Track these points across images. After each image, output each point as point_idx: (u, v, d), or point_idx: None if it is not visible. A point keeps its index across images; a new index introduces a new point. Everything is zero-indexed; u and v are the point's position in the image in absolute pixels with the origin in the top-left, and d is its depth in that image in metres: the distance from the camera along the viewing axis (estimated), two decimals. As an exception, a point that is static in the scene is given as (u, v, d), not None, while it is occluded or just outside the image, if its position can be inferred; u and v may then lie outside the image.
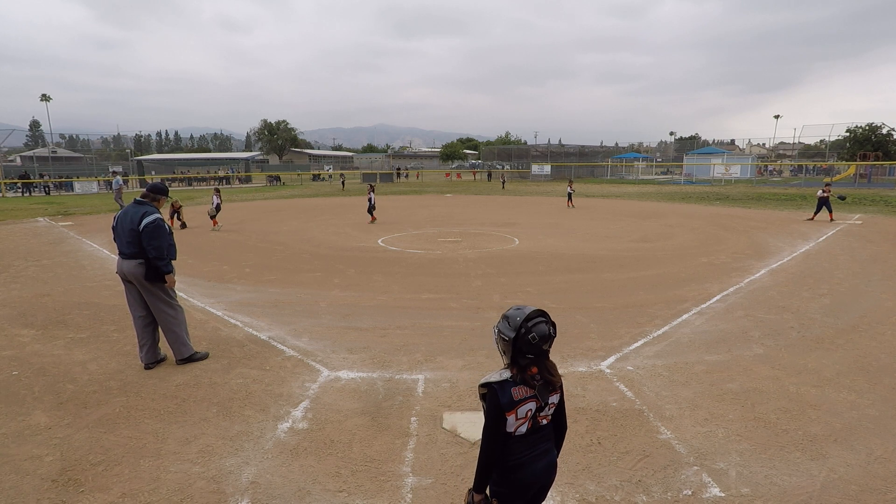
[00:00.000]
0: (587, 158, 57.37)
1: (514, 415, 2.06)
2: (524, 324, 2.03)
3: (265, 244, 13.11)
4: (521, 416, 2.07)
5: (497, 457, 2.12)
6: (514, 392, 2.05)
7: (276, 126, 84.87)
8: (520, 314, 2.06)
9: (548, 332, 2.05)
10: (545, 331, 2.04)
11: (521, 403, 2.05)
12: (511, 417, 2.06)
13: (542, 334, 2.03)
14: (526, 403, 2.06)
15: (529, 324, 2.03)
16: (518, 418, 2.07)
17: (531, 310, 2.07)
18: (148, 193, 5.16)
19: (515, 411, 2.05)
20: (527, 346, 2.03)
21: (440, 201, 27.17)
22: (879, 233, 14.11)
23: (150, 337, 5.17)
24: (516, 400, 2.05)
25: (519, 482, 2.15)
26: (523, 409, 2.07)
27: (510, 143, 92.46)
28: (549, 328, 2.06)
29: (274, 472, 3.44)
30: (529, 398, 2.07)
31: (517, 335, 2.03)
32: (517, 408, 2.05)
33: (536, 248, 12.27)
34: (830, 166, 47.15)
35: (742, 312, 6.87)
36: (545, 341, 2.04)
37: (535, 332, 2.03)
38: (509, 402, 2.04)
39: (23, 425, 4.07)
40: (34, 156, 52.75)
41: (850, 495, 3.17)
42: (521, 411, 2.06)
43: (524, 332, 2.02)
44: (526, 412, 2.08)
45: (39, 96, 57.15)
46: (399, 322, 6.57)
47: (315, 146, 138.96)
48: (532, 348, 2.03)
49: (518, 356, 2.06)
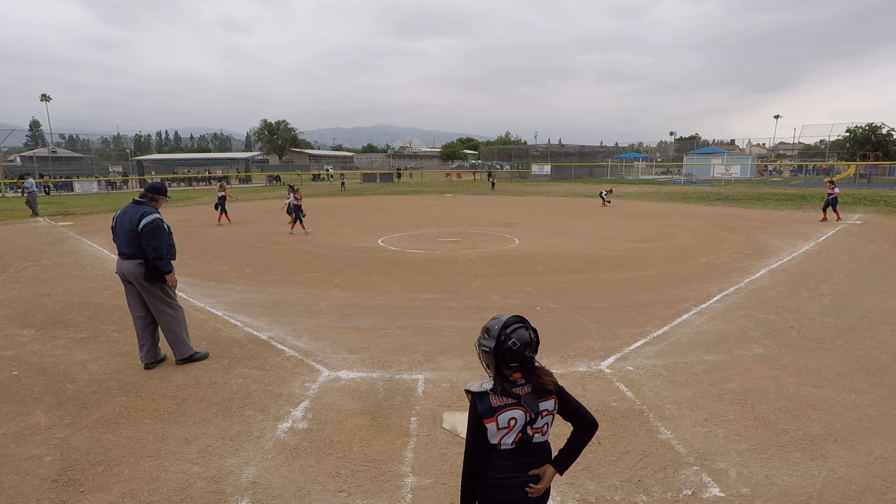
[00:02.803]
0: (587, 158, 57.34)
1: (494, 423, 1.98)
2: (503, 331, 1.98)
3: (265, 244, 13.11)
4: (504, 424, 1.99)
5: (478, 471, 2.05)
6: (493, 399, 1.99)
7: (276, 126, 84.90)
8: (497, 323, 2.01)
9: (529, 337, 1.99)
10: (525, 336, 1.98)
11: (500, 410, 1.98)
12: (491, 426, 1.99)
13: (523, 340, 1.97)
14: (507, 411, 1.98)
15: (508, 330, 1.98)
16: (500, 427, 1.99)
17: (508, 317, 2.02)
18: (146, 193, 5.16)
19: (496, 419, 1.98)
20: (509, 354, 1.97)
21: (440, 201, 27.17)
22: (879, 233, 14.11)
23: (149, 337, 5.16)
24: (495, 406, 1.98)
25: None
26: (504, 417, 1.98)
27: (510, 143, 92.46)
28: (530, 333, 2.01)
29: (274, 472, 3.44)
30: (511, 405, 1.99)
31: (497, 343, 1.97)
32: (497, 415, 1.98)
33: (536, 248, 12.27)
34: (830, 166, 47.14)
35: (742, 312, 6.87)
36: (527, 347, 1.98)
37: (515, 337, 1.97)
38: (488, 408, 1.98)
39: (23, 425, 4.07)
40: (34, 156, 52.77)
41: (850, 495, 3.17)
42: (501, 419, 1.98)
43: (503, 339, 1.97)
44: (508, 421, 1.99)
45: (39, 96, 57.18)
46: (399, 322, 6.57)
47: (315, 146, 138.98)
48: (514, 356, 1.97)
49: (502, 366, 2.00)
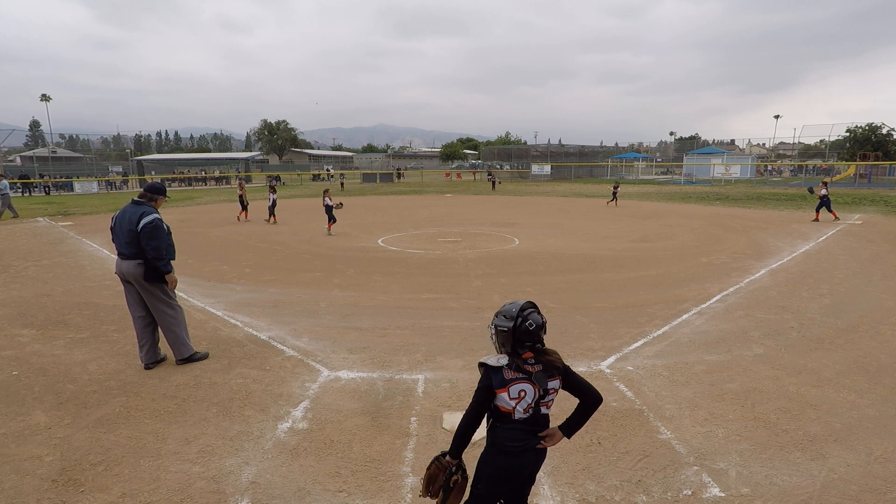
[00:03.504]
0: (587, 158, 57.32)
1: (506, 392, 2.23)
2: (520, 314, 2.24)
3: (265, 244, 13.11)
4: (514, 395, 2.22)
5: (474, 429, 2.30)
6: (506, 373, 2.24)
7: (276, 126, 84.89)
8: (514, 306, 2.27)
9: (541, 320, 2.27)
10: (539, 319, 2.26)
11: (512, 383, 2.22)
12: (503, 395, 2.23)
13: (537, 322, 2.24)
14: (518, 384, 2.22)
15: (524, 313, 2.24)
16: (511, 397, 2.22)
17: (524, 302, 2.29)
18: (146, 193, 5.15)
19: (507, 389, 2.22)
20: (524, 334, 2.23)
21: (440, 201, 27.17)
22: (879, 233, 14.11)
23: (149, 337, 5.16)
24: (507, 379, 2.23)
25: (510, 468, 2.31)
26: (515, 389, 2.22)
27: (510, 143, 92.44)
28: (541, 317, 2.28)
29: (274, 472, 3.44)
30: (521, 379, 2.22)
31: (515, 325, 2.23)
32: (508, 386, 2.22)
33: (536, 248, 12.27)
34: (830, 166, 47.13)
35: (742, 312, 6.87)
36: (540, 329, 2.25)
37: (531, 320, 2.23)
38: (501, 380, 2.23)
39: (23, 425, 4.07)
40: (34, 156, 52.74)
41: (850, 495, 3.17)
42: (512, 390, 2.22)
43: (521, 321, 2.23)
44: (519, 392, 2.22)
45: (39, 96, 57.19)
46: (399, 322, 6.57)
47: (315, 146, 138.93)
48: (529, 336, 2.23)
49: (517, 345, 2.25)
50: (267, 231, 15.61)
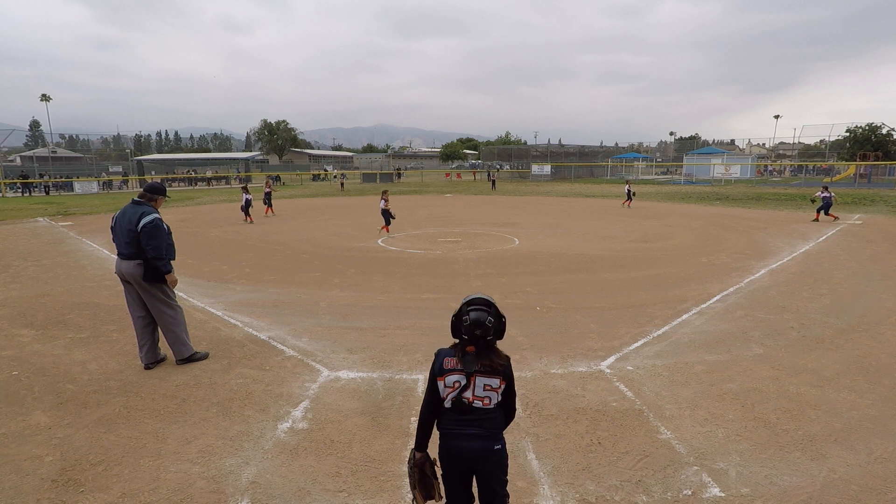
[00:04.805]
0: (587, 158, 57.33)
1: (443, 381, 2.26)
2: (464, 306, 2.26)
3: (265, 244, 13.12)
4: (449, 385, 2.25)
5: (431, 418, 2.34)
6: (446, 361, 2.27)
7: (276, 126, 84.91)
8: (466, 298, 2.29)
9: (482, 320, 2.20)
10: (479, 318, 2.20)
11: (448, 373, 2.25)
12: (441, 383, 2.27)
13: (475, 320, 2.20)
14: (454, 374, 2.25)
15: (469, 308, 2.24)
16: (446, 386, 2.26)
17: (476, 297, 2.28)
18: (145, 193, 5.14)
19: (444, 379, 2.26)
20: (463, 327, 2.24)
21: (440, 201, 27.17)
22: (879, 233, 14.12)
23: (149, 337, 5.16)
24: (446, 368, 2.26)
25: (445, 451, 2.33)
26: (451, 379, 2.25)
27: (510, 143, 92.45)
28: (488, 318, 2.21)
29: (274, 472, 3.44)
30: (458, 370, 2.24)
31: (456, 314, 2.27)
32: (445, 376, 2.26)
33: (536, 248, 12.27)
34: (830, 166, 47.14)
35: (742, 312, 6.87)
36: (477, 327, 2.20)
37: (470, 316, 2.21)
38: (440, 368, 2.28)
39: (23, 425, 4.06)
40: (34, 156, 52.77)
41: (850, 495, 3.17)
42: (448, 380, 2.25)
43: (461, 313, 2.25)
44: (453, 383, 2.24)
45: (39, 96, 57.29)
46: (399, 322, 6.57)
47: (315, 146, 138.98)
48: (466, 330, 2.22)
49: (457, 335, 2.28)
50: (267, 231, 15.61)
